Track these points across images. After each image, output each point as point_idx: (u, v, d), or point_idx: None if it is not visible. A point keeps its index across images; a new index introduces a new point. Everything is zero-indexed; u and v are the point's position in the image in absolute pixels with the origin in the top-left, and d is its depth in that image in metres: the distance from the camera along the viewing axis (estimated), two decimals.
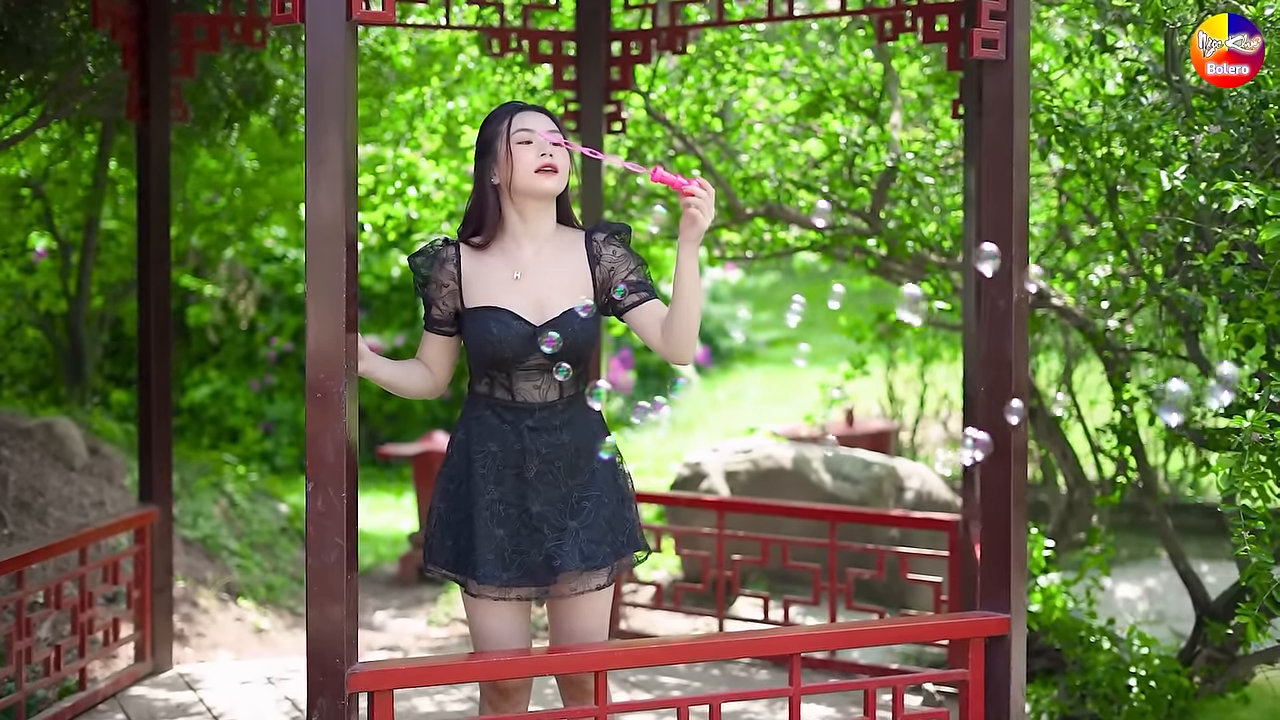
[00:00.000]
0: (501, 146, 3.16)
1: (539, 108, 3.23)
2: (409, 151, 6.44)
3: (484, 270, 3.19)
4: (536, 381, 3.16)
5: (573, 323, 3.13)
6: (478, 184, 3.22)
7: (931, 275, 5.51)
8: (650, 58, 5.23)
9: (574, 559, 3.10)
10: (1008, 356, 3.38)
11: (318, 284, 2.87)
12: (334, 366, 2.87)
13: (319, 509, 2.88)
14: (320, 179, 2.87)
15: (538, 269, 3.19)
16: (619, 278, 3.20)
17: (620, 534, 3.19)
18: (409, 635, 6.49)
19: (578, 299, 3.17)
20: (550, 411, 3.16)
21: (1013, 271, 3.39)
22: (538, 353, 3.12)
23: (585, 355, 3.19)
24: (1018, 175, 3.39)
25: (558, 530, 3.13)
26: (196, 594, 6.26)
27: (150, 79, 4.84)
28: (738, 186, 5.76)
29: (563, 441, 3.15)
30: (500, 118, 3.19)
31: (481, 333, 3.14)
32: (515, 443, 3.14)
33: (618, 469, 3.24)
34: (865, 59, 6.02)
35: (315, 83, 2.87)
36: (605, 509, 3.17)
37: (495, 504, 3.13)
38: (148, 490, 4.92)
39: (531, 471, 3.13)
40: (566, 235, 3.25)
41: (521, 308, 3.15)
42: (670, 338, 3.11)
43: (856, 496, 6.63)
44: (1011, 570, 3.40)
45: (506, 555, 3.12)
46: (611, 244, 3.23)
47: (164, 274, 4.91)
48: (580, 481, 3.17)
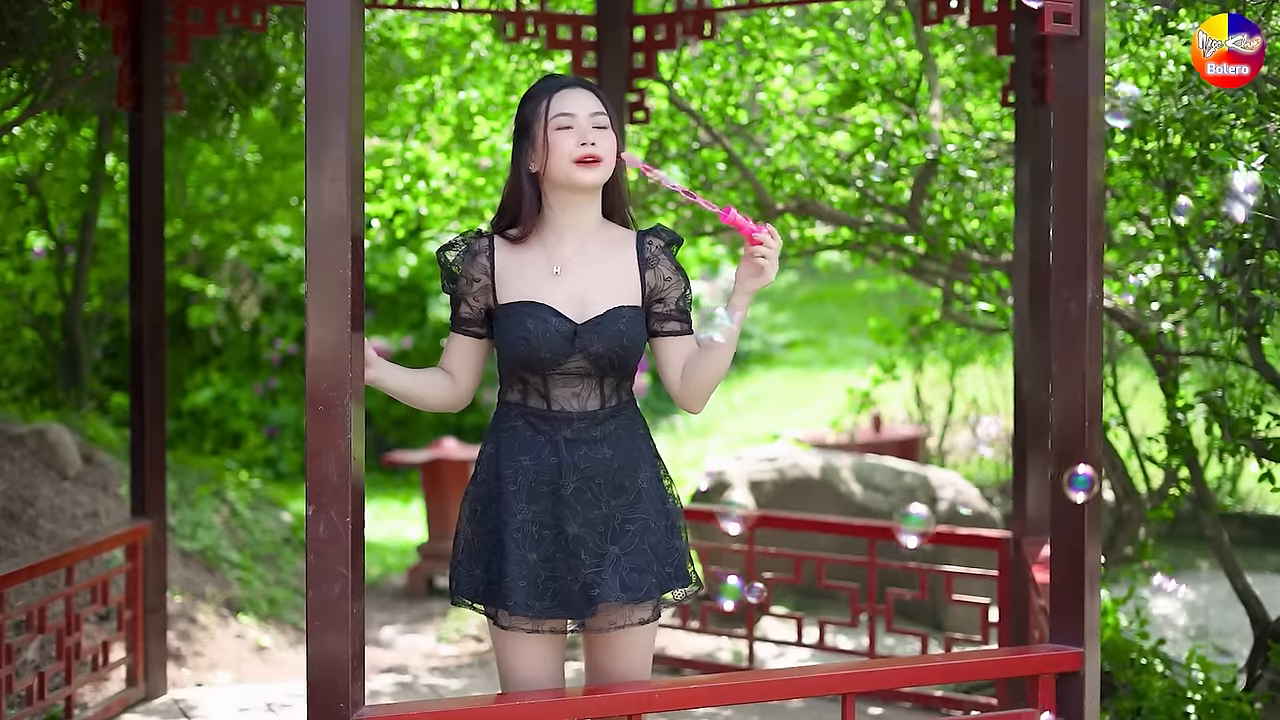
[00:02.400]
0: (539, 130, 2.82)
1: (585, 83, 2.88)
2: (418, 144, 6.12)
3: (521, 264, 2.86)
4: (575, 388, 2.83)
5: (617, 323, 2.81)
6: (514, 170, 2.88)
7: (975, 275, 5.18)
8: (675, 43, 4.91)
9: (614, 589, 2.76)
10: (1081, 365, 3.07)
11: (319, 282, 2.56)
12: (337, 375, 2.55)
13: (321, 535, 2.56)
14: (323, 165, 2.55)
15: (581, 264, 2.85)
16: (668, 297, 2.87)
17: (667, 564, 2.85)
18: (417, 653, 6.18)
19: (624, 298, 2.84)
20: (590, 422, 2.83)
21: (1087, 270, 3.07)
22: (577, 355, 2.80)
23: (631, 361, 2.85)
24: (1093, 161, 3.07)
25: (597, 556, 2.79)
26: (195, 610, 5.95)
27: (143, 65, 4.53)
28: (766, 181, 5.43)
29: (604, 456, 2.82)
30: (539, 96, 2.85)
31: (516, 330, 2.80)
32: (550, 456, 2.81)
33: (666, 493, 2.91)
34: (897, 48, 5.69)
35: (317, 57, 2.55)
36: (651, 535, 2.83)
37: (528, 524, 2.80)
38: (140, 503, 4.61)
39: (568, 489, 2.79)
40: (613, 231, 2.91)
41: (561, 304, 2.82)
42: (691, 382, 2.83)
43: (888, 507, 6.31)
44: (1086, 600, 3.08)
45: (540, 582, 2.78)
46: (669, 255, 2.89)
47: (158, 273, 4.60)
48: (623, 502, 2.83)
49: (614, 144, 2.84)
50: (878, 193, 5.22)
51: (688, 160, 5.67)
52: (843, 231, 5.66)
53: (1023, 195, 4.34)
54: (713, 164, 5.61)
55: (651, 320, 2.88)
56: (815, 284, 13.42)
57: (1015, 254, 4.33)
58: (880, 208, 5.22)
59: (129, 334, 4.64)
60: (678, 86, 5.59)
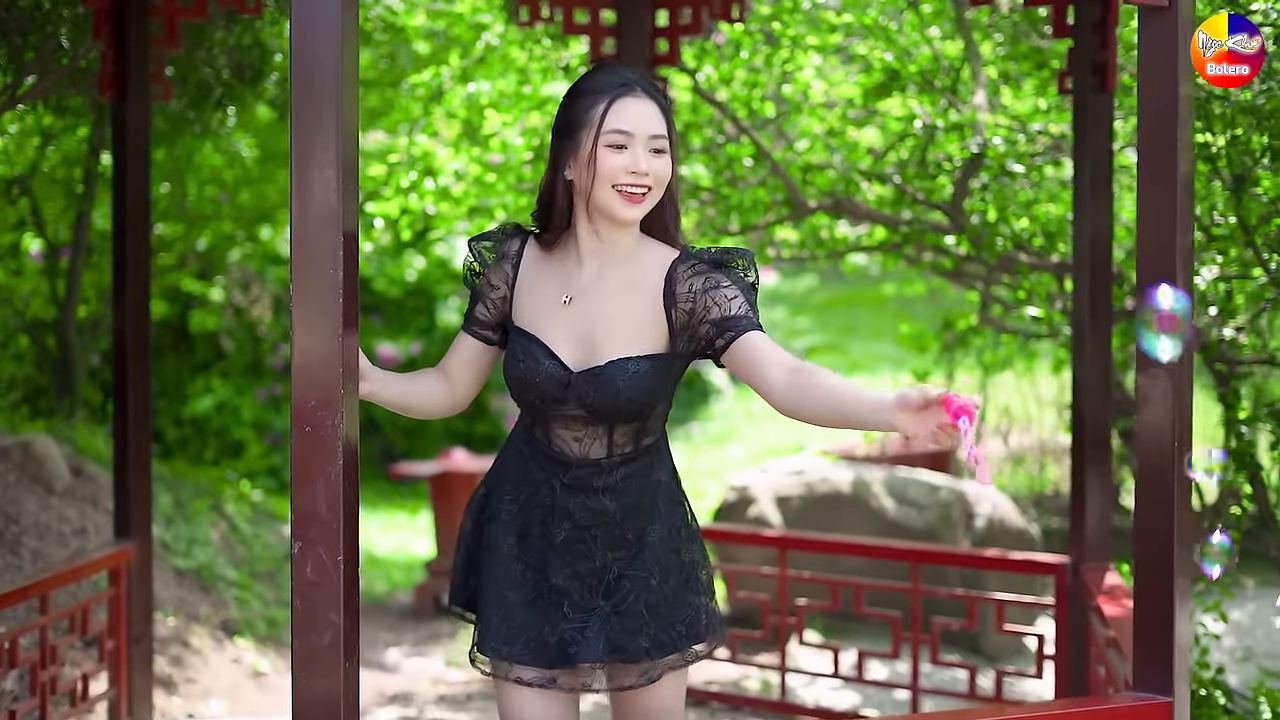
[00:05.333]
0: (586, 141, 2.41)
1: (651, 89, 2.45)
2: (425, 139, 5.76)
3: (538, 282, 2.51)
4: (576, 433, 2.47)
5: (616, 380, 2.40)
6: (551, 170, 2.50)
7: (1024, 278, 4.82)
8: (701, 28, 4.55)
9: (597, 649, 2.42)
10: (1169, 380, 2.71)
11: (307, 284, 2.21)
12: (327, 391, 2.21)
13: (309, 577, 2.22)
14: (310, 149, 2.20)
15: (596, 297, 2.46)
16: (704, 318, 2.42)
17: (675, 623, 2.48)
18: (425, 679, 5.82)
19: (638, 345, 2.43)
20: (592, 470, 2.47)
21: (1176, 270, 2.72)
22: (572, 402, 2.43)
23: (640, 414, 2.46)
24: (1183, 148, 2.72)
25: (582, 611, 2.46)
26: (188, 632, 5.60)
27: (128, 51, 4.19)
28: (797, 177, 5.08)
29: (603, 507, 2.47)
30: (595, 98, 2.43)
31: (511, 365, 2.47)
32: (546, 498, 2.48)
33: (683, 544, 2.53)
34: (932, 37, 5.33)
35: (303, 26, 2.20)
36: (651, 595, 2.46)
37: (512, 560, 2.48)
38: (124, 524, 4.25)
39: (560, 536, 2.46)
40: (647, 258, 2.49)
41: (561, 343, 2.45)
42: (807, 397, 2.28)
43: (923, 525, 5.94)
44: (1175, 644, 2.73)
45: (513, 625, 2.47)
46: (691, 276, 2.43)
47: (143, 275, 4.26)
48: (621, 556, 2.48)
49: (668, 169, 2.44)
50: (917, 189, 4.86)
51: (712, 155, 5.32)
52: (877, 231, 5.30)
53: (1082, 191, 3.98)
54: (738, 159, 5.26)
55: (704, 350, 2.45)
56: (837, 287, 13.04)
57: (1075, 255, 3.98)
58: (920, 205, 4.86)
59: (113, 342, 4.30)
60: (701, 77, 5.24)
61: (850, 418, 2.23)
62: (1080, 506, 4.01)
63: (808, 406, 2.29)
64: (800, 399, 2.29)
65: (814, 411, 2.28)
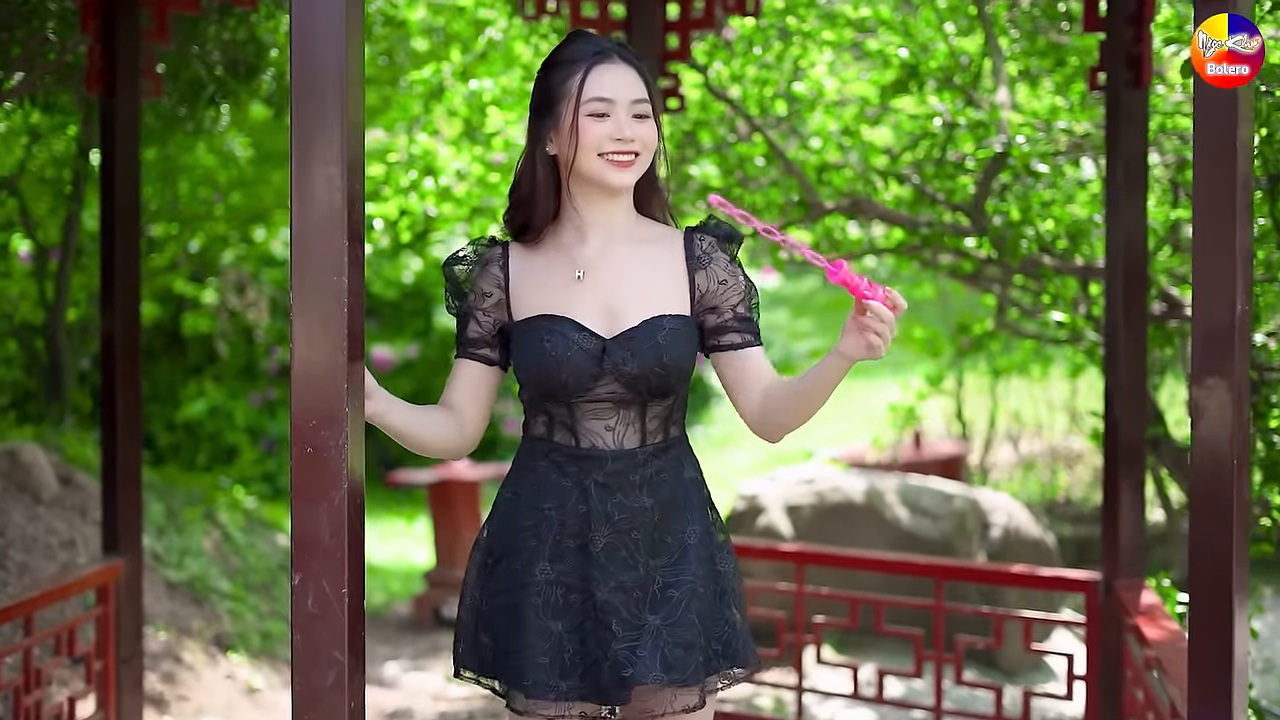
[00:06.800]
0: (566, 112, 2.29)
1: (626, 54, 2.33)
2: (425, 137, 5.57)
3: (537, 270, 2.35)
4: (608, 420, 2.31)
5: (654, 335, 2.27)
6: (529, 151, 2.36)
7: (1048, 281, 4.65)
8: (714, 22, 4.38)
9: (652, 668, 2.24)
10: (1226, 392, 2.53)
11: (308, 292, 2.03)
12: (331, 409, 2.03)
13: (310, 610, 2.04)
14: (312, 144, 2.02)
15: (609, 266, 2.33)
16: (724, 303, 2.35)
17: (712, 640, 2.32)
18: (424, 695, 5.64)
19: (665, 305, 2.31)
20: (628, 463, 2.30)
21: (1236, 272, 2.54)
22: (607, 377, 2.27)
23: (676, 384, 2.32)
24: (1242, 141, 2.55)
25: (632, 628, 2.27)
26: (180, 647, 5.41)
27: (117, 44, 4.01)
28: (812, 176, 4.90)
29: (643, 505, 2.30)
30: (571, 67, 2.30)
31: (532, 351, 2.29)
32: (579, 504, 2.30)
33: (718, 551, 2.37)
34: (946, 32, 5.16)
35: (305, 10, 2.02)
36: (699, 602, 2.30)
37: (551, 586, 2.29)
38: (113, 538, 4.06)
39: (599, 544, 2.28)
40: (651, 229, 2.40)
41: (586, 315, 2.30)
42: (775, 414, 2.31)
43: (938, 535, 5.77)
44: (1234, 670, 2.56)
45: (567, 657, 2.27)
46: (723, 250, 2.36)
47: (133, 277, 4.08)
48: (665, 562, 2.31)
49: (654, 135, 2.32)
50: (937, 189, 4.69)
51: (722, 154, 5.14)
52: (895, 232, 5.12)
53: (1115, 191, 3.81)
54: (750, 158, 5.08)
55: (706, 335, 2.37)
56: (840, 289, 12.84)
57: (1107, 258, 3.80)
58: (940, 206, 4.68)
59: (100, 348, 4.11)
60: (711, 73, 5.06)
61: (814, 386, 2.24)
62: (1113, 520, 3.84)
63: (779, 411, 2.30)
64: (772, 406, 2.32)
65: (783, 408, 2.29)
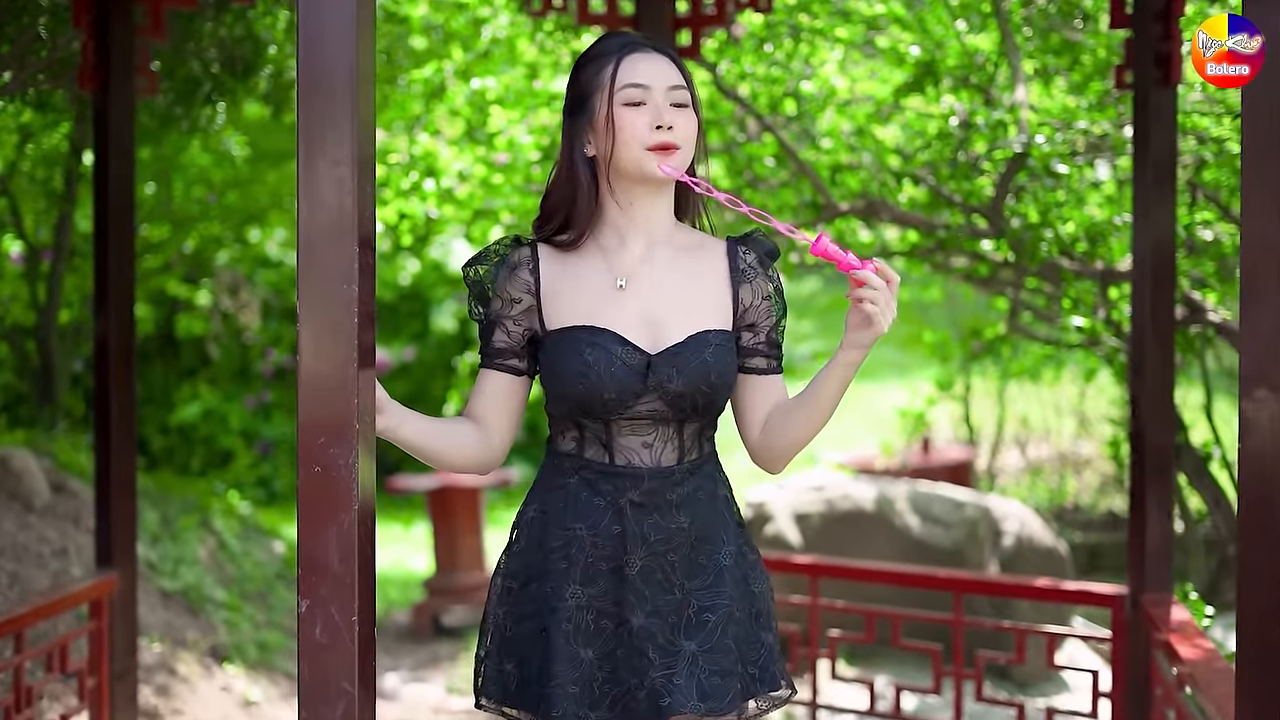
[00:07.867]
0: (600, 105, 2.19)
1: (659, 46, 2.24)
2: (426, 137, 5.44)
3: (573, 277, 2.23)
4: (646, 437, 2.20)
5: (703, 352, 2.18)
6: (565, 154, 2.25)
7: (1069, 285, 4.53)
8: (725, 18, 4.26)
9: (689, 696, 2.13)
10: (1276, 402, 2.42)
11: (316, 300, 1.91)
12: (340, 426, 1.90)
13: (318, 640, 1.91)
14: (319, 142, 1.89)
15: (652, 275, 2.22)
16: (761, 324, 2.27)
17: (752, 663, 2.22)
18: (425, 708, 5.51)
19: (710, 320, 2.21)
20: (664, 481, 2.19)
21: None
22: (650, 395, 2.16)
23: (719, 403, 2.22)
24: None
25: (669, 654, 2.16)
26: (175, 659, 5.28)
27: (110, 40, 3.88)
28: (825, 177, 4.78)
29: (680, 526, 2.19)
30: (601, 60, 2.21)
31: (571, 364, 2.16)
32: (613, 524, 2.19)
33: (751, 572, 2.27)
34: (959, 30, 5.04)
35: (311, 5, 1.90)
36: (736, 627, 2.20)
37: (582, 611, 2.18)
38: (106, 550, 3.94)
39: (635, 567, 2.17)
40: (691, 236, 2.29)
41: (629, 328, 2.19)
42: (776, 438, 2.25)
43: (949, 543, 5.65)
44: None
45: (598, 686, 2.16)
46: (768, 270, 2.28)
47: (127, 279, 3.95)
48: (701, 585, 2.20)
49: (693, 127, 2.21)
50: (953, 191, 4.57)
51: (731, 155, 5.02)
52: (908, 235, 5.00)
53: (1143, 193, 3.68)
54: (759, 158, 4.96)
55: (744, 353, 2.27)
56: (841, 291, 12.76)
57: (1135, 261, 3.68)
58: (956, 208, 4.56)
59: (94, 351, 3.99)
60: (720, 71, 4.94)
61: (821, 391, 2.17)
62: (1139, 532, 3.71)
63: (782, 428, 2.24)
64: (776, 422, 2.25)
65: (786, 422, 2.23)
